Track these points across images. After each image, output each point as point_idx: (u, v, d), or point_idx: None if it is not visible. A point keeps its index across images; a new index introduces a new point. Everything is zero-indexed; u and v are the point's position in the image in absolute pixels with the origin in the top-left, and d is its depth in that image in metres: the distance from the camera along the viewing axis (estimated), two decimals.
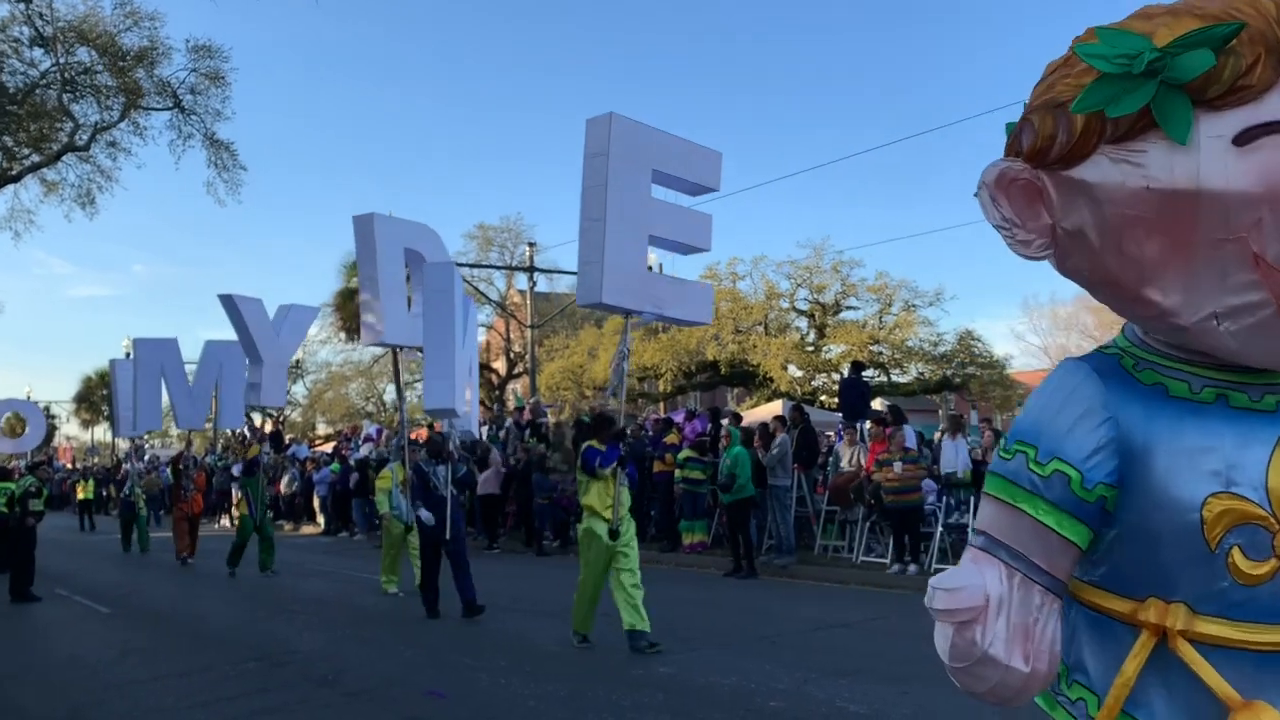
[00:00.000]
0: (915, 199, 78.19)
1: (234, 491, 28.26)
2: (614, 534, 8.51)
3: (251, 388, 16.69)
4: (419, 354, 13.34)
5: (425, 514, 10.56)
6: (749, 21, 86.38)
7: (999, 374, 30.20)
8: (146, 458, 35.57)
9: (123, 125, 26.87)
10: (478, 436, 13.27)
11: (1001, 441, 1.84)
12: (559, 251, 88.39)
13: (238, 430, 19.99)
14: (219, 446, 26.73)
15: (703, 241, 9.40)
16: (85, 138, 26.41)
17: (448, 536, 10.48)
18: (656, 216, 8.93)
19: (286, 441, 29.36)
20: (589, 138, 8.69)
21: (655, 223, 8.89)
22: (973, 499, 12.55)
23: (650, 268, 11.97)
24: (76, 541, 25.22)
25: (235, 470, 27.83)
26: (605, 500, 8.65)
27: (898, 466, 12.57)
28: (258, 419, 29.69)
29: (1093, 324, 45.69)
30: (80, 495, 31.74)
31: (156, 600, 13.32)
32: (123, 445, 58.33)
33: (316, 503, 24.44)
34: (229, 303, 15.76)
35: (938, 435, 14.91)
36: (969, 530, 12.27)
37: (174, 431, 51.80)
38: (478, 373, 11.95)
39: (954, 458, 13.13)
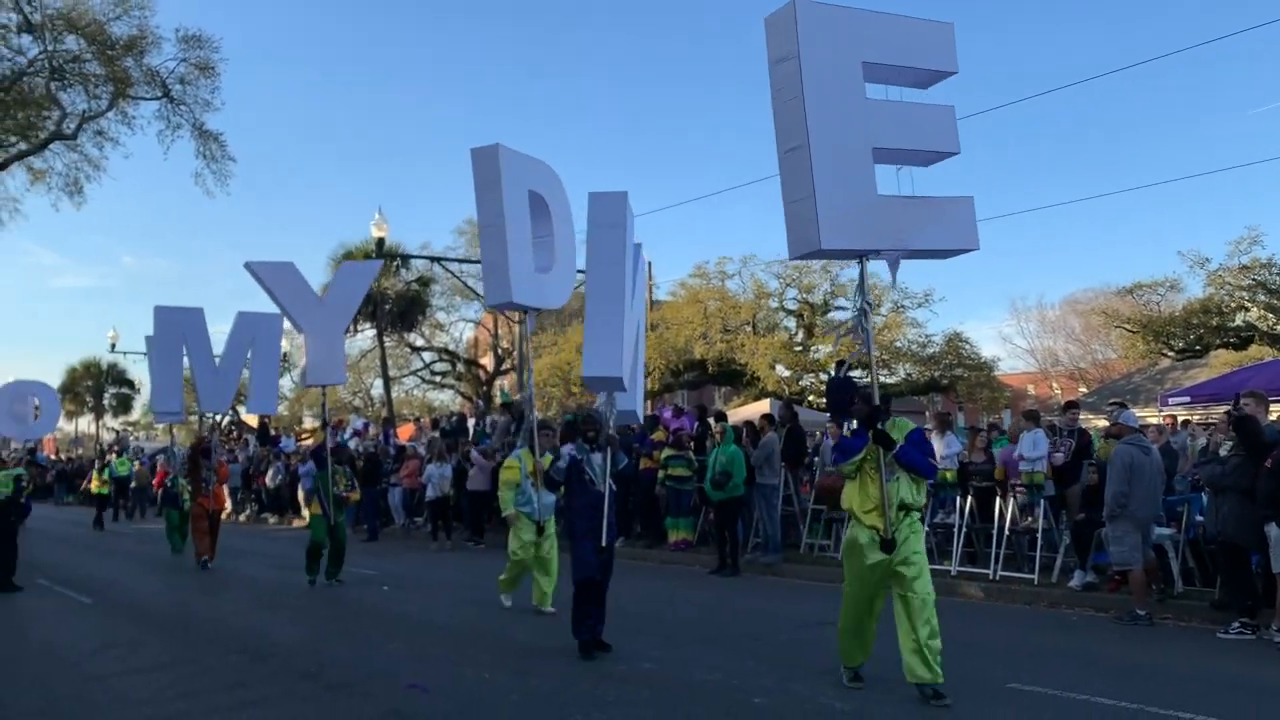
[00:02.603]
0: None
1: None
2: (887, 545, 6.50)
3: (303, 369, 14.22)
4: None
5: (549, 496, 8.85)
6: (742, 23, 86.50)
7: (986, 376, 30.32)
8: (130, 449, 35.32)
9: (111, 114, 26.81)
10: (640, 421, 11.37)
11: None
12: None
13: (222, 417, 18.78)
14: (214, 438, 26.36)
15: (947, 142, 7.22)
16: (73, 126, 26.30)
17: (604, 544, 8.23)
18: (880, 122, 6.93)
19: (274, 434, 29.17)
20: (771, 42, 6.83)
21: (880, 131, 6.90)
22: (957, 498, 12.56)
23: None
24: (81, 537, 24.87)
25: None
26: (865, 502, 6.65)
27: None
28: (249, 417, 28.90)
29: (1079, 327, 45.91)
30: (95, 488, 27.78)
31: (139, 592, 13.22)
32: (106, 437, 58.15)
33: (301, 496, 24.30)
34: (253, 272, 13.60)
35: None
36: (954, 530, 12.30)
37: (157, 426, 51.43)
38: (644, 339, 9.74)
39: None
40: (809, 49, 6.62)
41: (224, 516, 24.61)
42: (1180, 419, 16.81)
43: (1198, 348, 27.66)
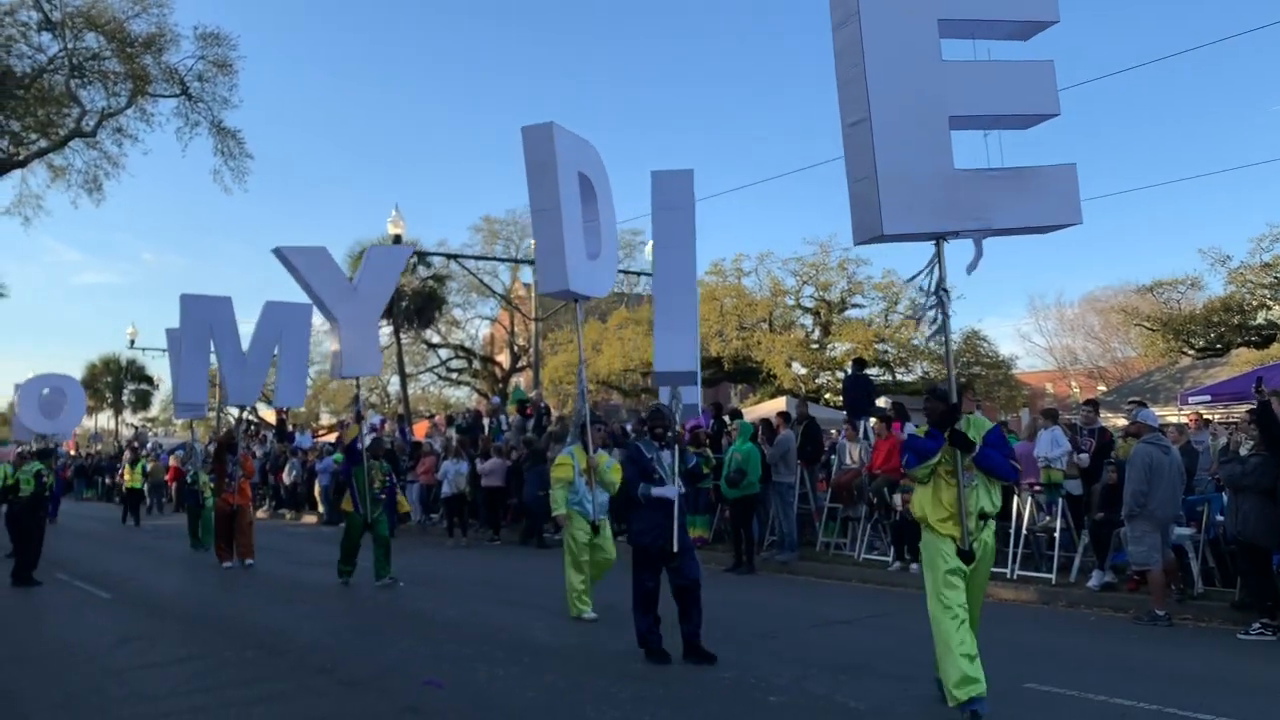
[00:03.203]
0: None
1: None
2: (965, 556, 5.94)
3: (334, 357, 13.83)
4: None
5: (662, 489, 7.80)
6: (758, 21, 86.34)
7: (1004, 374, 30.21)
8: (149, 445, 35.52)
9: (130, 112, 26.97)
10: (701, 415, 10.66)
11: None
12: None
13: (244, 412, 18.28)
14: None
15: (1044, 104, 6.31)
16: (92, 124, 26.46)
17: (675, 548, 7.74)
18: (959, 86, 6.12)
19: (290, 430, 29.30)
20: (833, 6, 6.23)
21: (958, 96, 6.11)
22: None
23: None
24: (100, 532, 25.03)
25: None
26: (939, 509, 6.03)
27: None
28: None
29: (1098, 325, 45.60)
30: (129, 483, 26.37)
31: (157, 587, 13.29)
32: (125, 433, 58.52)
33: (318, 491, 24.39)
34: (282, 257, 12.91)
35: None
36: None
37: (177, 420, 51.62)
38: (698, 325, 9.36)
39: None
40: (871, 10, 6.02)
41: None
42: (1204, 417, 16.68)
43: (1218, 346, 27.45)
